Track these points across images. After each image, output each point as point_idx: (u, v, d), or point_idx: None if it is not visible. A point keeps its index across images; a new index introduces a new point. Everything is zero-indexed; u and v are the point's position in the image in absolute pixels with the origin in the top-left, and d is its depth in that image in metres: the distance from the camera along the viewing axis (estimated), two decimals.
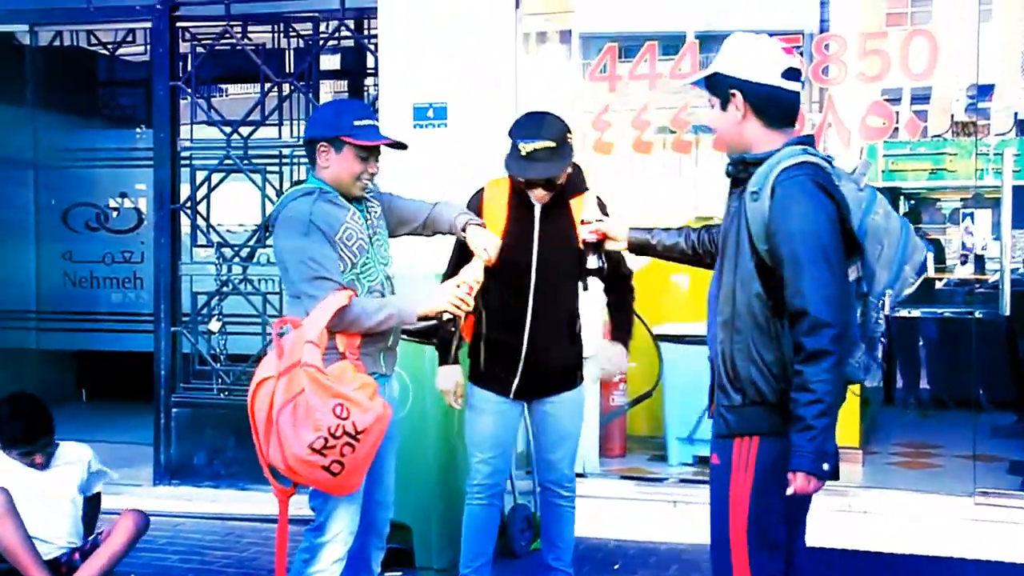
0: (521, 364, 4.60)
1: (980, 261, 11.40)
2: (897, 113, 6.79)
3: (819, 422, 3.06)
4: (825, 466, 3.11)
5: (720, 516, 3.34)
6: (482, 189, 4.75)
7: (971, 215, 12.13)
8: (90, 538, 5.25)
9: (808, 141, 3.33)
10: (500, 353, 4.66)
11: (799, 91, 3.34)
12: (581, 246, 4.21)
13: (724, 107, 3.34)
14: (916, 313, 9.81)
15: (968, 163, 10.41)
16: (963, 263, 11.74)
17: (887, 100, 6.66)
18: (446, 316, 4.06)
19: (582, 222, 4.19)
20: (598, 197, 4.58)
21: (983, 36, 6.71)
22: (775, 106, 3.29)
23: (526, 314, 4.57)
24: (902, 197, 10.88)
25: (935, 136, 9.96)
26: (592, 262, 4.17)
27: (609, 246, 4.14)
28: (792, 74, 3.29)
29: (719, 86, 3.34)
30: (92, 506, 5.46)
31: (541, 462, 4.83)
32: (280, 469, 3.84)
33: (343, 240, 4.01)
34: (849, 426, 7.49)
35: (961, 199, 11.86)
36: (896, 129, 7.14)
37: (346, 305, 3.86)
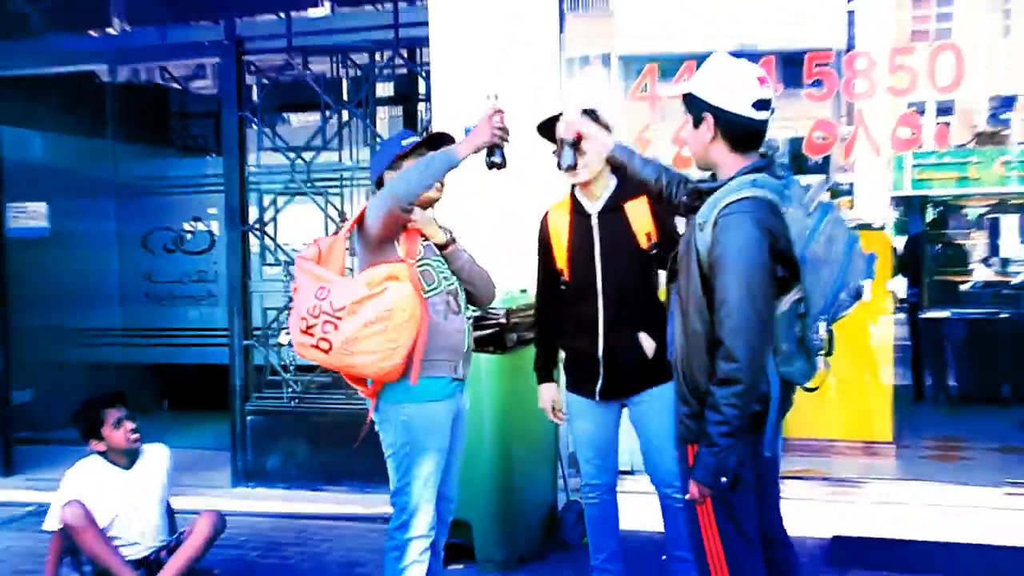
0: (601, 367, 4.52)
1: (1005, 264, 11.27)
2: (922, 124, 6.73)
3: (723, 441, 3.15)
4: (723, 479, 3.19)
5: (692, 514, 3.39)
6: (547, 213, 4.76)
7: (996, 220, 12.00)
8: (173, 536, 5.29)
9: (763, 167, 3.35)
10: (581, 360, 4.60)
11: (767, 119, 3.36)
12: (558, 143, 4.10)
13: (696, 125, 3.40)
14: (944, 314, 9.78)
15: (992, 171, 10.31)
16: (987, 265, 11.58)
17: (915, 112, 6.60)
18: (495, 149, 3.91)
19: (561, 115, 4.10)
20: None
21: (1004, 49, 6.66)
22: (742, 133, 3.35)
23: (598, 319, 4.50)
24: (929, 205, 10.79)
25: (959, 146, 9.82)
26: (567, 158, 4.05)
27: (586, 147, 4.05)
28: (761, 104, 3.32)
29: (694, 106, 3.40)
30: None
31: (648, 460, 4.65)
32: None
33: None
34: (882, 422, 7.49)
35: (986, 205, 11.73)
36: (922, 141, 7.04)
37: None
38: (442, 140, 4.22)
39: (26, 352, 8.63)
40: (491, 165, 3.94)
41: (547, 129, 4.45)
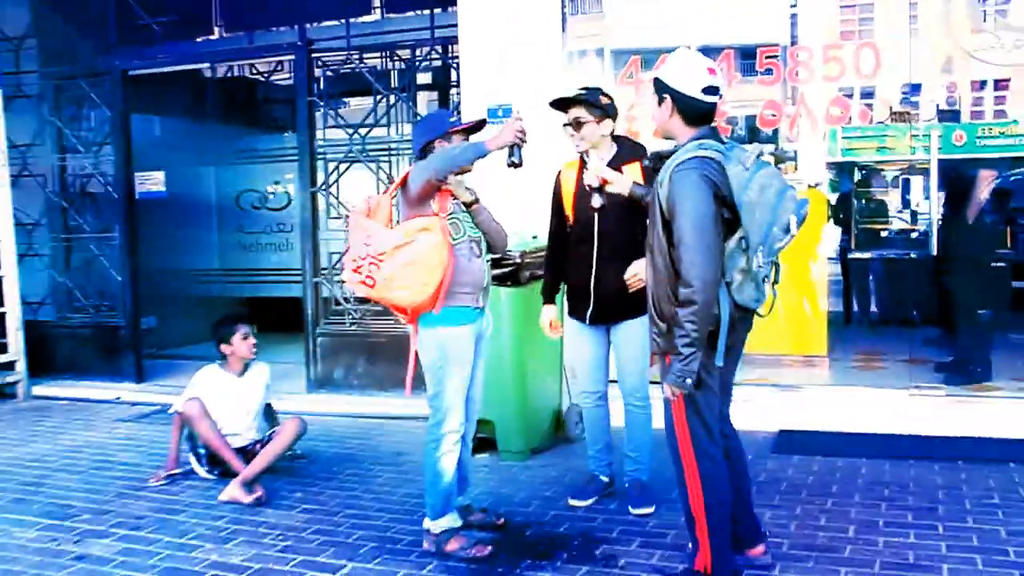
0: (592, 297, 4.44)
1: (914, 215, 11.24)
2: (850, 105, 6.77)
3: (686, 350, 3.18)
4: (688, 381, 3.21)
5: (667, 411, 3.41)
6: (560, 171, 4.66)
7: (907, 180, 11.92)
8: (267, 433, 5.37)
9: (709, 135, 3.35)
10: (578, 290, 4.53)
11: (715, 102, 3.36)
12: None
13: (660, 104, 3.41)
14: (868, 255, 9.76)
15: (903, 142, 10.30)
16: (900, 217, 11.48)
17: (844, 95, 6.59)
18: (514, 148, 3.82)
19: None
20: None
21: (912, 47, 6.71)
22: (693, 112, 3.36)
23: (592, 259, 4.41)
24: (856, 168, 10.76)
25: (879, 122, 9.68)
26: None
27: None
28: (710, 90, 3.33)
29: (659, 89, 3.41)
30: (268, 410, 5.59)
31: (619, 376, 4.58)
32: None
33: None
34: (819, 340, 7.47)
35: (899, 169, 11.67)
36: (850, 118, 7.01)
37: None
38: (481, 125, 4.23)
39: (150, 288, 8.63)
40: (510, 164, 3.85)
41: (558, 104, 4.46)
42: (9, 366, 7.76)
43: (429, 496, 4.06)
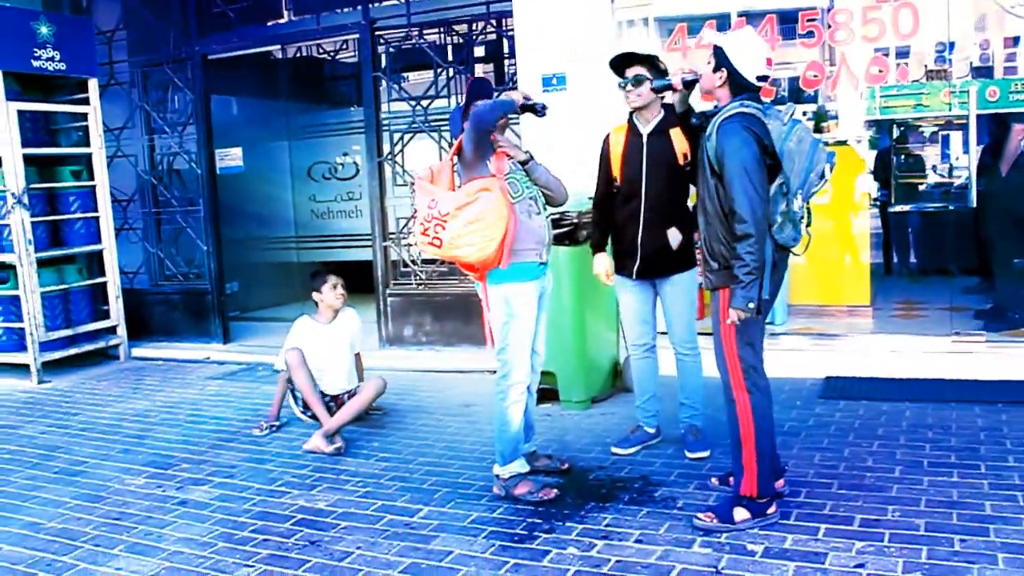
0: (639, 252, 4.37)
1: (951, 169, 10.93)
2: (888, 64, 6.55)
3: (747, 278, 3.34)
4: (751, 304, 3.36)
5: (717, 334, 3.55)
6: (608, 133, 4.57)
7: (946, 136, 11.58)
8: (355, 387, 5.41)
9: (749, 96, 3.47)
10: (625, 245, 4.45)
11: (761, 86, 3.51)
12: (675, 84, 3.84)
13: (715, 71, 3.52)
14: (907, 208, 9.47)
15: (939, 99, 9.96)
16: (937, 171, 11.16)
17: (882, 55, 6.38)
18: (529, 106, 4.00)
19: (680, 70, 3.90)
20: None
21: (947, 6, 6.56)
22: (742, 87, 3.49)
23: (639, 214, 4.34)
24: (894, 125, 10.45)
25: (915, 80, 9.42)
26: (679, 103, 3.94)
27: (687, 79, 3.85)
28: (762, 79, 3.49)
29: (718, 57, 3.51)
30: (358, 361, 5.61)
31: (669, 327, 4.51)
32: None
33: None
34: (861, 290, 7.32)
35: (936, 125, 11.33)
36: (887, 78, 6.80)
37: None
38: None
39: (233, 256, 8.73)
40: (539, 112, 4.05)
41: (622, 60, 4.34)
42: (111, 330, 7.94)
43: (498, 444, 4.06)
